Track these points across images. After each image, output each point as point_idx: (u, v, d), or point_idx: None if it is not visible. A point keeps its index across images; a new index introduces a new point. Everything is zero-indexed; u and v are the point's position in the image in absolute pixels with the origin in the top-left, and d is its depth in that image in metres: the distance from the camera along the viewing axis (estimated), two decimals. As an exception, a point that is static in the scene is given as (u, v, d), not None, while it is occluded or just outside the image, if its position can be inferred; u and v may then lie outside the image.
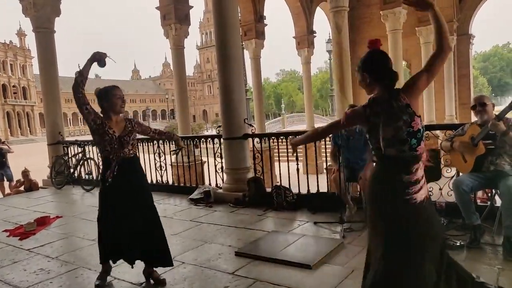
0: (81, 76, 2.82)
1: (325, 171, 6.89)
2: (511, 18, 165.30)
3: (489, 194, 3.95)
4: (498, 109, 3.61)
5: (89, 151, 8.17)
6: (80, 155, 8.14)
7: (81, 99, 2.84)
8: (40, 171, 9.60)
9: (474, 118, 3.64)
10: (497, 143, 3.38)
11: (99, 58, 2.85)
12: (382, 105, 1.97)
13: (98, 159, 8.04)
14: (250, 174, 5.92)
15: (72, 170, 8.23)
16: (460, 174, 3.82)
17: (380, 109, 1.97)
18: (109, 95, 2.95)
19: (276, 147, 5.98)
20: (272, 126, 28.99)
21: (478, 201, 4.48)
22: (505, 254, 3.10)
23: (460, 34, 16.04)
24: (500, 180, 3.29)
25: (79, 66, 2.85)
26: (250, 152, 6.12)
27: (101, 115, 2.97)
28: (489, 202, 3.87)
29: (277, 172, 6.10)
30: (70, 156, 8.46)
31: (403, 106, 1.93)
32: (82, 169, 8.11)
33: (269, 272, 3.19)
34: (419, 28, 13.53)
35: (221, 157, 6.20)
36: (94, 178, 7.85)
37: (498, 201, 3.49)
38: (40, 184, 8.81)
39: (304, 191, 5.40)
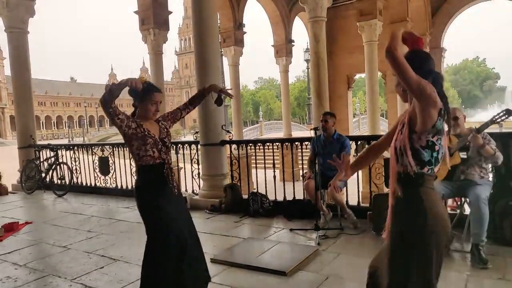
0: (110, 96, 2.31)
1: (301, 178, 6.95)
2: (479, 34, 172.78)
3: (459, 203, 4.09)
4: (468, 121, 3.75)
5: (62, 156, 7.96)
6: (53, 159, 7.92)
7: (112, 113, 2.36)
8: (10, 176, 9.24)
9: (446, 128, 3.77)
10: (469, 153, 3.53)
11: (133, 87, 2.38)
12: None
13: (71, 163, 7.86)
14: (227, 181, 5.91)
15: (43, 175, 7.99)
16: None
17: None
18: (145, 98, 2.50)
19: (254, 154, 5.99)
20: (249, 133, 28.99)
21: (448, 209, 4.62)
22: (473, 261, 3.20)
23: (432, 47, 16.58)
24: (469, 189, 3.42)
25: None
26: (227, 159, 6.11)
27: (130, 117, 2.51)
28: (458, 210, 4.01)
29: (254, 179, 6.11)
30: (42, 160, 8.22)
31: None
32: (55, 174, 7.88)
33: (244, 279, 3.18)
34: (394, 40, 13.94)
35: (198, 163, 6.16)
36: (67, 183, 7.66)
37: (467, 210, 3.61)
38: (10, 189, 8.49)
39: (280, 198, 5.42)
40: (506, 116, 3.31)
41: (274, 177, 5.56)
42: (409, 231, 1.70)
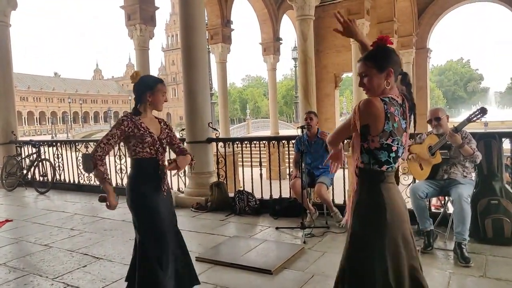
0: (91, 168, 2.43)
1: (288, 176, 6.97)
2: (464, 35, 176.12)
3: (443, 202, 4.14)
4: (451, 120, 3.80)
5: (45, 152, 7.80)
6: (35, 155, 7.76)
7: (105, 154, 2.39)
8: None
9: (430, 128, 3.82)
10: (451, 153, 3.58)
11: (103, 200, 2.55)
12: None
13: (54, 160, 7.72)
14: (213, 179, 5.87)
15: (25, 172, 7.82)
16: (416, 181, 3.99)
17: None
18: (154, 89, 2.49)
19: (240, 152, 5.97)
20: (237, 131, 28.95)
21: (433, 208, 4.68)
22: (455, 259, 3.25)
23: (418, 47, 16.80)
24: (452, 188, 3.47)
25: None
26: (213, 157, 6.07)
27: (128, 116, 2.43)
28: (442, 209, 4.06)
29: (240, 177, 6.10)
30: (23, 156, 8.05)
31: None
32: (37, 171, 7.72)
33: (229, 277, 3.16)
34: (380, 40, 14.09)
35: (184, 161, 6.10)
36: (50, 180, 7.51)
37: (451, 208, 3.66)
38: (-11, 185, 8.29)
39: (266, 196, 5.41)
40: (481, 114, 3.38)
41: (261, 175, 5.55)
42: (368, 224, 1.80)
